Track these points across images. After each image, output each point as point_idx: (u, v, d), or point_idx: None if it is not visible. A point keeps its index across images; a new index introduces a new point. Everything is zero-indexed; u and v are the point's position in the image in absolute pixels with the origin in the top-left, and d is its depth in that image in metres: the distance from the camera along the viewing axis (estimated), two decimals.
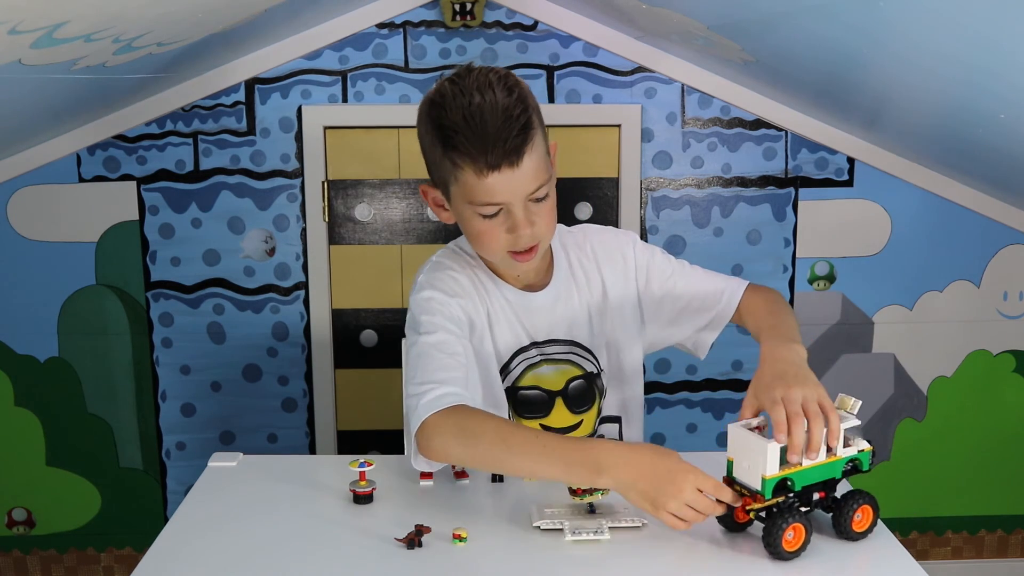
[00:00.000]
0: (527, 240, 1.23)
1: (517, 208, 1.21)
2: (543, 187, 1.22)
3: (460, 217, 1.27)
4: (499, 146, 1.15)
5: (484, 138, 1.15)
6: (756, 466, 1.05)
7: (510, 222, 1.22)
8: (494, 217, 1.22)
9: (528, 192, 1.21)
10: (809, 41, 1.69)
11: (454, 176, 1.21)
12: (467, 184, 1.20)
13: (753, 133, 2.31)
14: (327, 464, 1.43)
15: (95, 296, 2.32)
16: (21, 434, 2.37)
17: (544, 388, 1.36)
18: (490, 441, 1.12)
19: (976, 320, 2.42)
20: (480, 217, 1.23)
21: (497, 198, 1.20)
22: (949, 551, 2.53)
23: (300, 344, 2.36)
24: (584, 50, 2.25)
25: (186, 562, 1.05)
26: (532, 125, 1.19)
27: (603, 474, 1.07)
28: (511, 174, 1.18)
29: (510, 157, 1.16)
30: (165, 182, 2.28)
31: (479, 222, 1.23)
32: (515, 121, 1.16)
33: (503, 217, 1.22)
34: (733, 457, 1.08)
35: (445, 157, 1.21)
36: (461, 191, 1.22)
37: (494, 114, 1.16)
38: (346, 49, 2.24)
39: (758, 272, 2.36)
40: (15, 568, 2.44)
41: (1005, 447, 2.48)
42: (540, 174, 1.21)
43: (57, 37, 1.34)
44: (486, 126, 1.15)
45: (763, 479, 1.04)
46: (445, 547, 1.06)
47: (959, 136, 1.91)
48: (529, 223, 1.22)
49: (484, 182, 1.18)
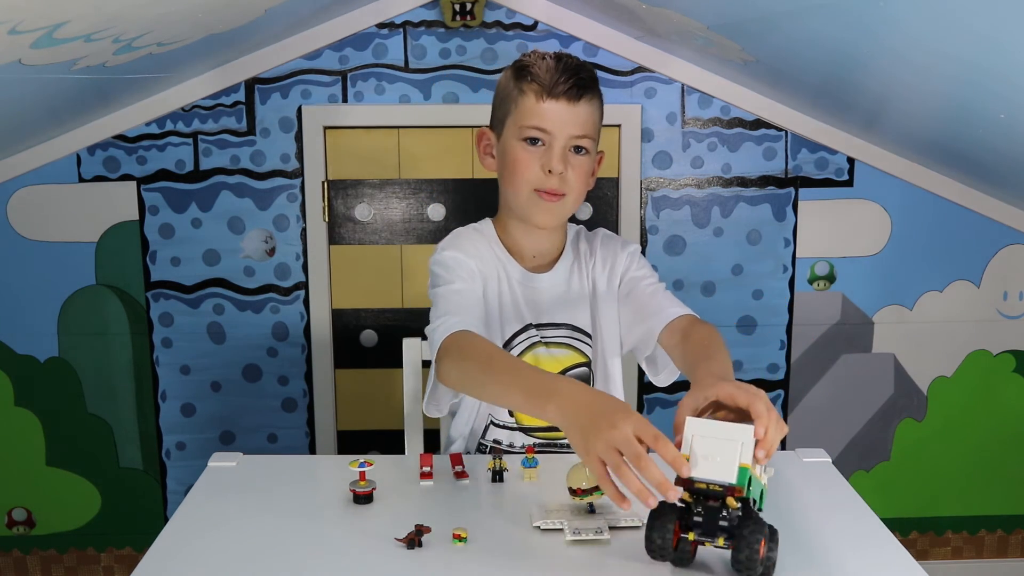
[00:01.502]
0: (556, 180, 1.33)
1: (558, 143, 1.33)
2: (587, 140, 1.35)
3: (503, 152, 1.38)
4: (565, 81, 1.31)
5: (555, 72, 1.32)
6: (730, 457, 0.94)
7: (547, 157, 1.33)
8: (535, 147, 1.34)
9: (574, 132, 1.33)
10: (809, 41, 1.69)
11: (515, 103, 1.35)
12: (525, 108, 1.33)
13: (753, 133, 2.31)
14: (327, 464, 1.43)
15: (95, 296, 2.32)
16: (21, 434, 2.37)
17: None
18: (477, 363, 1.18)
19: (976, 320, 2.42)
20: (523, 144, 1.34)
21: (547, 124, 1.32)
22: (949, 551, 2.53)
23: (300, 344, 2.36)
24: (584, 50, 2.25)
25: (186, 562, 1.05)
26: (595, 89, 1.36)
27: (551, 402, 1.04)
28: (566, 107, 1.32)
29: (570, 92, 1.31)
30: (165, 182, 2.28)
31: (520, 150, 1.34)
32: (585, 72, 1.34)
33: (542, 151, 1.33)
34: (690, 454, 0.96)
35: (515, 86, 1.35)
36: (516, 118, 1.35)
37: (569, 63, 1.34)
38: (346, 49, 2.24)
39: (758, 272, 2.37)
40: (15, 568, 2.44)
41: (1005, 447, 2.48)
42: (589, 127, 1.35)
43: (57, 37, 1.34)
44: (561, 66, 1.33)
45: (741, 468, 0.93)
46: (445, 547, 1.06)
47: (959, 136, 1.92)
48: (563, 163, 1.33)
49: (541, 106, 1.32)
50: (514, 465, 1.27)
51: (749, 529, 0.94)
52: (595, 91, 1.36)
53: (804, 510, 1.17)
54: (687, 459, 0.95)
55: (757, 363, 2.41)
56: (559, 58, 1.34)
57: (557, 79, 1.31)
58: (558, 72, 1.32)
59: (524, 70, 1.34)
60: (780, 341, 2.41)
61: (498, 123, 1.40)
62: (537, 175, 1.34)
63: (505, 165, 1.38)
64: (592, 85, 1.35)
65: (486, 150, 1.43)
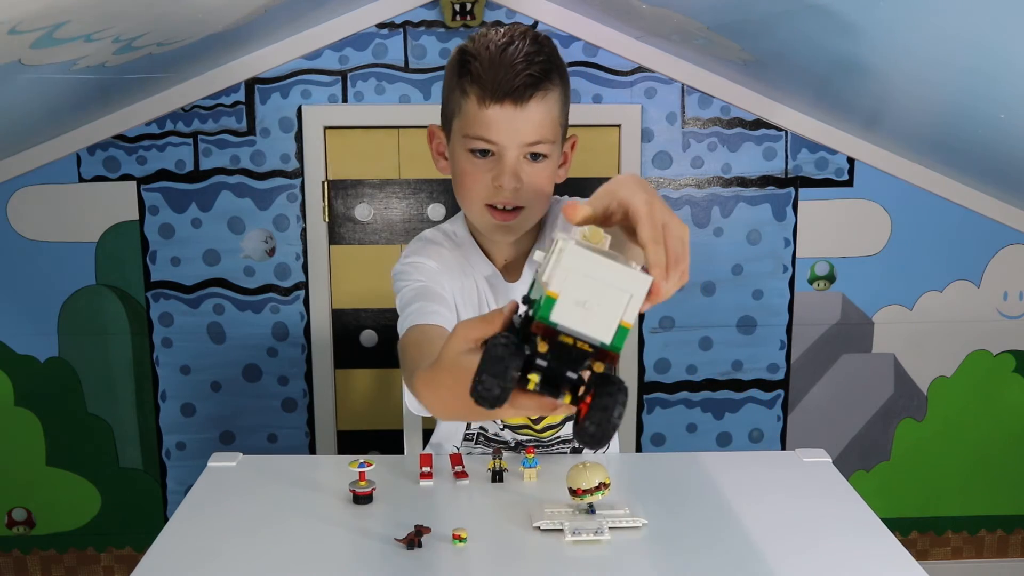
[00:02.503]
0: (508, 194, 1.17)
1: (509, 154, 1.16)
2: (544, 145, 1.17)
3: (452, 158, 1.23)
4: (509, 80, 1.12)
5: (497, 68, 1.13)
6: (612, 309, 0.70)
7: (497, 169, 1.17)
8: (483, 158, 1.18)
9: (526, 140, 1.16)
10: (809, 41, 1.69)
11: (459, 106, 1.18)
12: (468, 114, 1.16)
13: (753, 133, 2.31)
14: (327, 464, 1.43)
15: (95, 296, 2.32)
16: (21, 434, 2.37)
17: None
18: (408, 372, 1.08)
19: (976, 320, 2.42)
20: (469, 155, 1.18)
21: (492, 135, 1.15)
22: (949, 551, 2.53)
23: (300, 344, 2.36)
24: (584, 50, 2.25)
25: (186, 562, 1.05)
26: (550, 79, 1.16)
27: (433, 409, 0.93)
28: (513, 113, 1.14)
29: (516, 94, 1.13)
30: (165, 182, 2.28)
31: (467, 161, 1.19)
32: (533, 64, 1.13)
33: (492, 162, 1.18)
34: (558, 292, 0.70)
35: (457, 85, 1.18)
36: (461, 123, 1.18)
37: (515, 53, 1.13)
38: (346, 49, 2.24)
39: (758, 272, 2.36)
40: (15, 568, 2.44)
41: (1005, 447, 2.48)
42: (544, 129, 1.17)
43: (57, 37, 1.34)
44: (504, 58, 1.13)
45: (621, 327, 0.70)
46: (445, 547, 1.06)
47: (959, 136, 1.92)
48: (516, 178, 1.17)
49: (484, 113, 1.14)
50: (514, 465, 1.27)
51: (607, 392, 0.73)
52: (550, 82, 1.16)
53: (804, 510, 1.17)
54: (555, 296, 0.70)
55: (757, 363, 2.41)
56: (504, 48, 1.14)
57: (500, 78, 1.13)
58: (501, 68, 1.13)
59: (465, 65, 1.17)
60: (780, 341, 2.41)
61: (446, 122, 1.25)
62: (487, 189, 1.18)
63: (454, 175, 1.24)
64: (545, 76, 1.15)
65: (438, 150, 1.28)
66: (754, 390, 2.43)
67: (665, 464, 1.38)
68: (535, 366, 0.73)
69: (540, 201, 1.23)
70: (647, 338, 2.38)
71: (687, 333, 2.38)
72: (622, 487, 1.19)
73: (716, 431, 2.44)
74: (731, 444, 2.45)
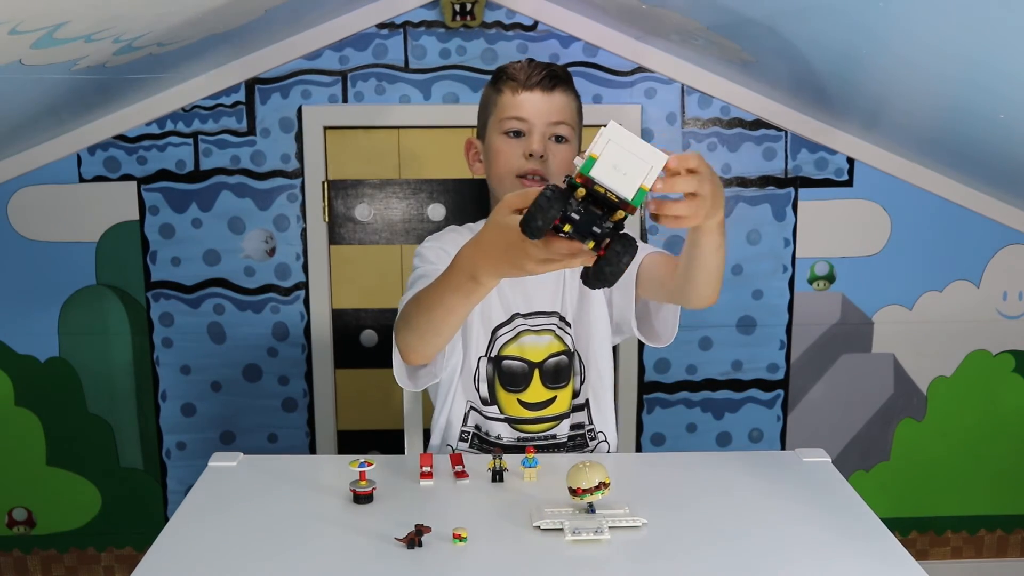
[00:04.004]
0: (536, 163, 1.39)
1: (537, 129, 1.40)
2: (565, 127, 1.41)
3: (488, 150, 1.45)
4: (538, 73, 1.40)
5: (528, 67, 1.42)
6: (635, 174, 0.93)
7: (527, 143, 1.40)
8: (516, 138, 1.41)
9: (552, 119, 1.40)
10: (809, 41, 1.69)
11: (495, 103, 1.43)
12: (503, 104, 1.42)
13: (753, 133, 2.31)
14: (327, 464, 1.44)
15: (95, 296, 2.32)
16: (21, 434, 2.37)
17: (526, 359, 1.44)
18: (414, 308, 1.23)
19: (976, 320, 2.42)
20: (504, 137, 1.41)
21: (524, 112, 1.40)
22: (949, 551, 2.53)
23: (300, 344, 2.36)
24: (584, 50, 2.25)
25: (186, 562, 1.05)
26: (572, 86, 1.45)
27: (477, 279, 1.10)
28: (541, 97, 1.40)
29: (544, 83, 1.40)
30: (165, 182, 2.28)
31: (502, 142, 1.42)
32: (558, 70, 1.43)
33: (523, 141, 1.40)
34: (599, 154, 0.93)
35: (492, 90, 1.45)
36: (496, 115, 1.43)
37: (541, 63, 1.43)
38: (346, 49, 2.24)
39: (758, 272, 2.37)
40: (15, 568, 2.44)
41: (1005, 447, 2.48)
42: (567, 114, 1.42)
43: (57, 37, 1.34)
44: (533, 64, 1.43)
45: (640, 189, 0.93)
46: (445, 547, 1.06)
47: (959, 136, 1.92)
48: (543, 146, 1.39)
49: (517, 98, 1.40)
50: (514, 465, 1.27)
51: (621, 244, 0.96)
52: (569, 85, 1.45)
53: (804, 510, 1.17)
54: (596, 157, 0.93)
55: (757, 363, 2.41)
56: (532, 60, 1.45)
57: (530, 72, 1.41)
58: (531, 67, 1.42)
59: (500, 74, 1.45)
60: (780, 341, 2.41)
61: (482, 128, 1.48)
62: (519, 162, 1.40)
63: (489, 161, 1.45)
64: (566, 79, 1.44)
65: (474, 157, 1.51)
66: (754, 390, 2.43)
67: (665, 464, 1.39)
68: (570, 218, 0.95)
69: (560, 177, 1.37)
70: None
71: (687, 333, 2.38)
72: (622, 487, 1.19)
73: (716, 431, 2.44)
74: (731, 444, 2.45)
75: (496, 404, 1.45)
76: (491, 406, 1.45)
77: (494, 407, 1.45)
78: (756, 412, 2.44)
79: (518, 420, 1.45)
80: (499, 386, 1.45)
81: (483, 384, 1.45)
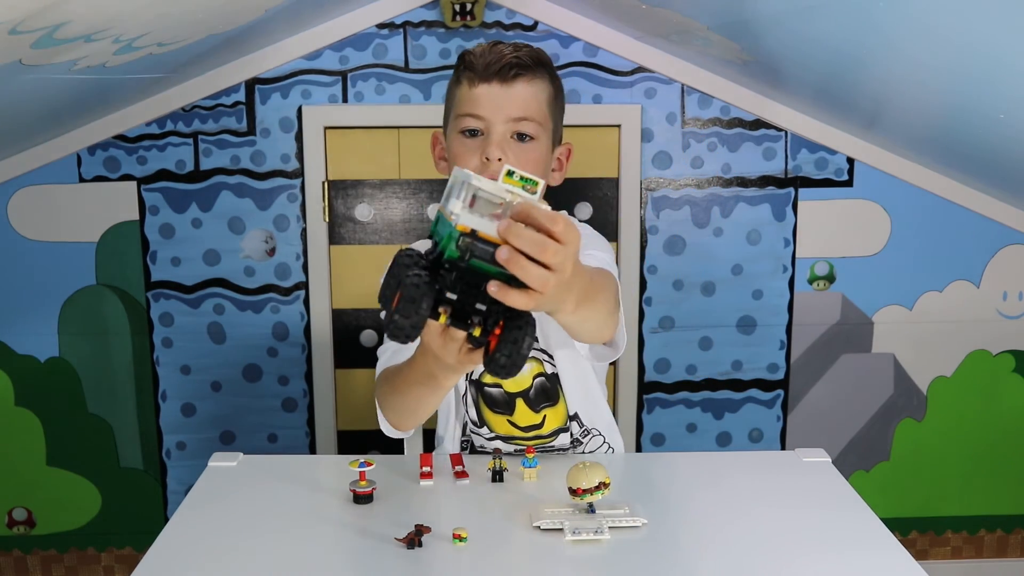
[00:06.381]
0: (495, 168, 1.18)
1: (496, 129, 1.21)
2: (529, 124, 1.23)
3: (448, 148, 1.29)
4: (496, 63, 1.21)
5: (487, 55, 1.23)
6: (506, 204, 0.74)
7: (484, 145, 1.21)
8: (473, 138, 1.23)
9: (511, 115, 1.22)
10: (809, 41, 1.69)
11: (453, 95, 1.27)
12: (460, 98, 1.24)
13: (753, 133, 2.31)
14: (327, 464, 1.43)
15: (95, 296, 2.32)
16: (21, 434, 2.37)
17: (505, 388, 1.39)
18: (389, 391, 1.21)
19: (976, 320, 2.42)
20: (461, 137, 1.24)
21: (479, 109, 1.22)
22: (949, 551, 2.53)
23: (300, 344, 2.36)
24: (584, 50, 2.25)
25: (186, 562, 1.05)
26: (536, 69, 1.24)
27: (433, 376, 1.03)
28: (499, 90, 1.21)
29: (502, 74, 1.21)
30: (165, 182, 2.28)
31: (459, 143, 1.24)
32: (523, 56, 1.23)
33: (481, 141, 1.23)
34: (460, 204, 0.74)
35: (454, 81, 1.28)
36: (454, 111, 1.25)
37: (505, 47, 1.24)
38: (346, 49, 2.24)
39: (758, 272, 2.37)
40: (15, 568, 2.44)
41: (1005, 447, 2.48)
42: (530, 108, 1.23)
43: (57, 37, 1.34)
44: (494, 49, 1.24)
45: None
46: (445, 547, 1.06)
47: (959, 136, 1.92)
48: (501, 150, 1.20)
49: (473, 92, 1.22)
50: (514, 465, 1.27)
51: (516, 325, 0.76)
52: (537, 72, 1.24)
53: (804, 510, 1.17)
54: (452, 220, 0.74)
55: (757, 363, 2.41)
56: (496, 43, 1.26)
57: (489, 61, 1.22)
58: (491, 55, 1.22)
59: (462, 60, 1.26)
60: (780, 341, 2.41)
61: (445, 121, 1.32)
62: (476, 166, 1.20)
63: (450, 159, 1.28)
64: (533, 65, 1.24)
65: (440, 155, 1.34)
66: (754, 390, 2.43)
67: (665, 464, 1.39)
68: (445, 299, 0.77)
69: None
70: (647, 338, 2.38)
71: (687, 333, 2.39)
72: (622, 487, 1.19)
73: (716, 431, 2.44)
74: (731, 444, 2.45)
75: (486, 426, 1.42)
76: (482, 427, 1.43)
77: (485, 428, 1.43)
78: (756, 412, 2.44)
79: (512, 438, 1.43)
80: (485, 409, 1.41)
81: (471, 408, 1.42)
